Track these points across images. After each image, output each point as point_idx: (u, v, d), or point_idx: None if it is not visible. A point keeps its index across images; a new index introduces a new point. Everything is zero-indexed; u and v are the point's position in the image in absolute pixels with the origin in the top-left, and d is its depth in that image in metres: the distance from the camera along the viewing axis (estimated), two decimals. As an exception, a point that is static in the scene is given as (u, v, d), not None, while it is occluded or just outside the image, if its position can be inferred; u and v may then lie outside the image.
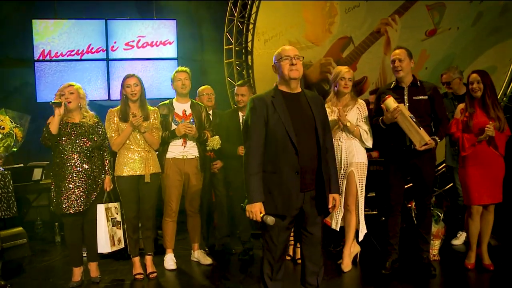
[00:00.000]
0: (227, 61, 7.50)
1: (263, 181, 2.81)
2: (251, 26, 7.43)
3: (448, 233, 4.60)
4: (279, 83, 2.95)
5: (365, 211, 4.21)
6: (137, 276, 4.06)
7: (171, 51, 6.98)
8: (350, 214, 4.14)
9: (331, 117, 4.10)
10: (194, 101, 4.45)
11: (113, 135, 3.97)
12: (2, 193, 3.77)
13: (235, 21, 7.37)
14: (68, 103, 3.77)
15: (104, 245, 3.91)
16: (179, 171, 4.24)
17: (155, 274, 4.10)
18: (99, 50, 6.72)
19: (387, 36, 6.18)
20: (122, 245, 4.08)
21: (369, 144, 4.13)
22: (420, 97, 3.96)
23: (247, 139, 2.88)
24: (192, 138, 4.24)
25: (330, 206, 2.95)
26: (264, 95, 2.92)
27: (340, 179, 4.13)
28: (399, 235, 4.13)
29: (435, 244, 4.35)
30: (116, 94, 6.73)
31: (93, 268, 4.04)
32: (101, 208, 3.90)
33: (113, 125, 3.98)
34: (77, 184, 3.77)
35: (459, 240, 4.83)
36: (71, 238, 3.90)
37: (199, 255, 4.49)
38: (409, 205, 4.60)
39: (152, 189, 4.05)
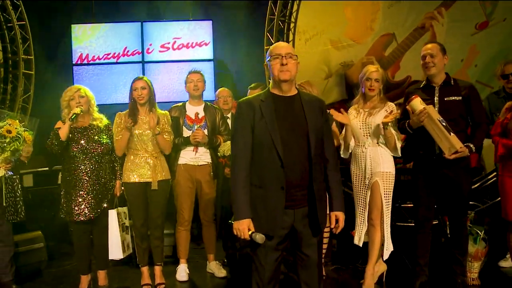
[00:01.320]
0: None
1: (250, 195, 2.51)
2: (292, 25, 7.13)
3: (495, 254, 4.03)
4: (271, 84, 2.62)
5: (402, 222, 3.75)
6: (144, 287, 3.88)
7: (207, 52, 6.81)
8: (374, 229, 3.71)
9: (355, 119, 3.71)
10: (209, 103, 4.22)
11: (117, 139, 3.82)
12: (10, 197, 3.74)
13: (275, 20, 7.10)
14: (82, 109, 3.67)
15: (116, 252, 3.79)
16: (190, 177, 4.03)
17: (163, 286, 3.91)
18: (134, 52, 6.69)
19: (433, 31, 5.62)
20: (131, 251, 3.94)
21: (399, 152, 3.68)
22: (453, 98, 3.48)
23: (233, 148, 2.59)
24: (204, 144, 4.01)
25: (332, 226, 2.60)
26: (253, 99, 2.61)
27: (363, 190, 3.74)
28: (429, 254, 3.66)
29: (474, 267, 3.80)
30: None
31: (102, 276, 3.93)
32: (113, 214, 3.77)
33: (119, 128, 3.83)
34: (88, 191, 3.66)
35: (508, 261, 4.20)
36: (79, 245, 3.80)
37: (214, 267, 4.25)
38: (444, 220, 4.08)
39: (161, 197, 3.85)
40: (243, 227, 2.46)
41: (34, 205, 4.88)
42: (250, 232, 2.45)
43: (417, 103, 3.42)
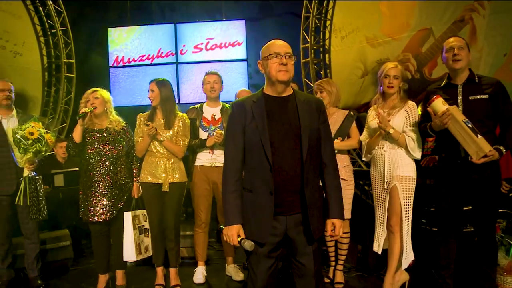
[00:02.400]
0: (304, 60, 7.12)
1: (242, 200, 2.44)
2: (328, 22, 6.97)
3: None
4: (265, 84, 2.52)
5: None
6: (156, 287, 3.90)
7: (240, 52, 6.79)
8: (393, 236, 3.51)
9: (374, 121, 3.54)
10: (226, 105, 4.16)
11: (138, 140, 3.85)
12: (33, 197, 3.86)
13: (310, 18, 6.97)
14: (94, 108, 3.73)
15: (129, 254, 3.81)
16: (206, 179, 4.00)
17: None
18: (168, 54, 6.78)
19: (472, 24, 5.24)
20: (150, 253, 3.95)
21: (417, 155, 3.46)
22: (478, 97, 3.20)
23: (225, 151, 2.53)
24: (220, 145, 3.96)
25: (328, 234, 2.47)
26: (245, 99, 2.52)
27: (382, 194, 3.56)
28: (453, 265, 3.42)
29: (507, 281, 3.51)
30: (185, 98, 6.75)
31: (119, 276, 3.97)
32: (127, 216, 3.80)
33: (139, 129, 3.86)
34: (103, 192, 3.71)
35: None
36: (96, 245, 3.86)
37: (231, 270, 4.20)
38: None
39: (174, 199, 3.84)
40: (232, 233, 2.39)
41: (64, 204, 5.02)
42: (239, 239, 2.38)
43: (439, 104, 3.18)
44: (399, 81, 3.51)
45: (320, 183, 2.52)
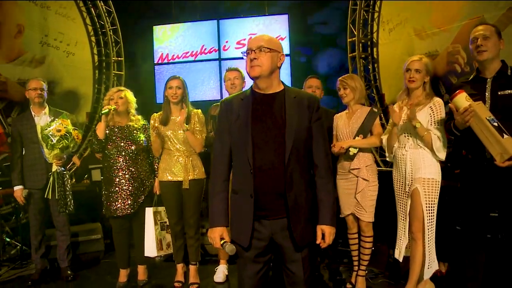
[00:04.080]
0: (351, 55, 6.86)
1: (230, 202, 2.37)
2: (376, 14, 6.66)
3: None
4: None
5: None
6: (175, 284, 3.93)
7: (283, 47, 6.64)
8: (415, 242, 3.27)
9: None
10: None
11: (153, 140, 3.88)
12: (60, 191, 4.02)
13: (357, 10, 6.69)
14: (116, 107, 3.81)
15: (151, 249, 3.87)
16: (226, 177, 3.96)
17: (196, 286, 3.90)
18: (211, 50, 6.81)
19: (533, 10, 4.73)
20: (171, 250, 3.99)
21: (442, 155, 3.19)
22: (509, 92, 2.88)
23: (213, 151, 2.47)
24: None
25: (318, 241, 2.31)
26: (234, 97, 2.43)
27: (404, 197, 3.33)
28: (481, 277, 3.12)
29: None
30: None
31: (141, 271, 4.05)
32: (149, 212, 3.86)
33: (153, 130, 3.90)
34: (124, 187, 3.80)
35: None
36: (118, 240, 3.97)
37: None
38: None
39: (193, 196, 3.84)
40: (214, 236, 2.32)
41: (101, 198, 5.20)
42: (222, 242, 2.31)
43: (462, 99, 2.89)
44: (423, 76, 3.26)
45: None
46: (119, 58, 7.11)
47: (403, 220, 3.36)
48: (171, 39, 6.90)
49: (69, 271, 4.25)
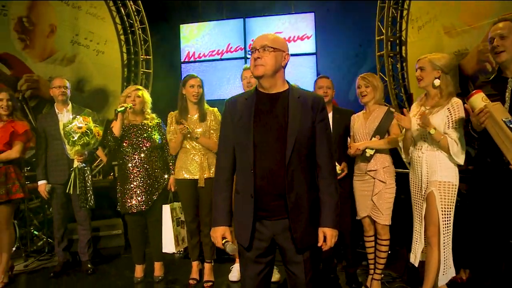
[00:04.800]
0: (379, 53, 6.75)
1: (234, 201, 2.37)
2: (405, 12, 6.52)
3: None
4: None
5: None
6: (190, 281, 3.97)
7: (309, 45, 6.61)
8: (430, 248, 3.17)
9: (415, 117, 3.21)
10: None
11: (171, 138, 3.92)
12: (81, 187, 4.13)
13: (386, 8, 6.57)
14: (133, 105, 3.88)
15: (169, 245, 3.93)
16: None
17: (210, 284, 3.91)
18: (237, 48, 6.83)
19: None
20: (186, 244, 4.03)
21: (460, 160, 3.07)
22: None
23: (217, 150, 2.47)
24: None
25: (319, 244, 2.28)
26: (239, 96, 2.43)
27: (420, 201, 3.24)
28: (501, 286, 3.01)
29: None
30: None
31: (157, 268, 4.10)
32: (166, 209, 3.92)
33: (171, 127, 3.93)
34: (138, 184, 3.86)
35: None
36: (133, 236, 4.04)
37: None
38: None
39: (209, 195, 3.84)
40: (216, 235, 2.33)
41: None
42: (223, 241, 2.31)
43: (478, 99, 2.78)
44: (428, 73, 3.12)
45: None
46: (147, 57, 7.24)
47: (418, 223, 3.27)
48: (197, 38, 6.96)
49: (89, 264, 4.36)
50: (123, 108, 3.80)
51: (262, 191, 2.22)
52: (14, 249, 4.60)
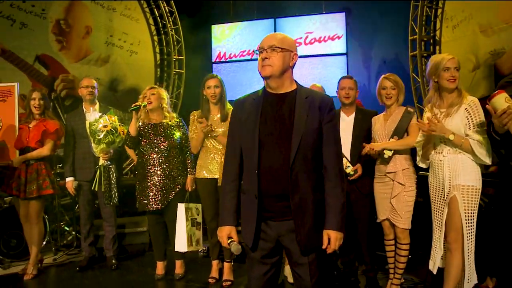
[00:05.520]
0: (412, 53, 6.57)
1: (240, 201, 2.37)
2: (439, 11, 6.32)
3: None
4: None
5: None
6: (209, 280, 4.01)
7: (339, 46, 6.52)
8: (451, 254, 3.05)
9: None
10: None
11: (192, 136, 3.96)
12: (106, 184, 4.23)
13: (419, 7, 6.39)
14: (149, 103, 3.94)
15: (181, 244, 3.95)
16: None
17: (228, 283, 3.93)
18: (268, 49, 6.79)
19: None
20: (201, 247, 4.06)
21: (488, 160, 2.94)
22: None
23: (225, 150, 2.48)
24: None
25: (324, 246, 2.24)
26: (247, 97, 2.43)
27: (441, 205, 3.14)
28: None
29: None
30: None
31: (178, 266, 4.16)
32: (181, 207, 3.94)
33: (193, 126, 3.97)
34: (155, 183, 3.92)
35: None
36: (153, 234, 4.13)
37: (288, 271, 4.09)
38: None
39: (228, 194, 3.87)
40: (222, 235, 2.34)
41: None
42: (229, 241, 2.32)
43: (501, 100, 2.65)
44: (459, 74, 3.04)
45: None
46: (180, 57, 7.34)
47: (438, 229, 3.16)
48: (228, 38, 7.01)
49: (114, 260, 4.47)
50: (136, 107, 3.85)
51: (266, 192, 2.21)
52: (44, 243, 4.78)
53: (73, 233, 5.18)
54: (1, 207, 4.73)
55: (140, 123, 3.97)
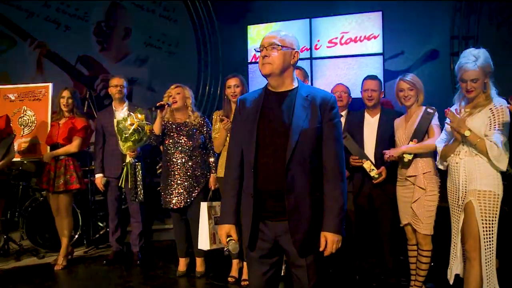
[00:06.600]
0: (453, 53, 6.32)
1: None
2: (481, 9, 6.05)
3: None
4: None
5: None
6: (229, 279, 4.02)
7: (376, 46, 6.34)
8: (469, 263, 2.90)
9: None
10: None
11: (215, 136, 3.99)
12: (132, 181, 4.32)
13: (462, 5, 6.15)
14: (173, 102, 4.00)
15: (204, 242, 3.99)
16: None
17: (247, 282, 3.91)
18: (303, 49, 6.73)
19: None
20: (223, 245, 4.07)
21: (502, 165, 2.79)
22: None
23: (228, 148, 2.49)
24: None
25: (321, 248, 2.19)
26: (249, 94, 2.43)
27: (457, 211, 3.00)
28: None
29: None
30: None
31: (198, 263, 4.19)
32: (203, 206, 3.98)
33: (216, 126, 4.00)
34: (179, 181, 3.99)
35: None
36: (176, 231, 4.20)
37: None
38: None
39: (251, 193, 3.87)
40: (221, 233, 2.34)
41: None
42: (227, 239, 2.32)
43: None
44: (481, 83, 2.87)
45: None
46: (217, 57, 7.42)
47: (456, 236, 3.03)
48: (264, 39, 6.99)
49: (139, 255, 4.57)
50: (160, 105, 3.91)
51: (263, 191, 2.19)
52: (76, 236, 4.98)
53: (105, 228, 5.34)
54: (37, 201, 4.96)
55: (165, 122, 4.04)
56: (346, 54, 6.52)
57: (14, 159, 4.40)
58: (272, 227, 2.22)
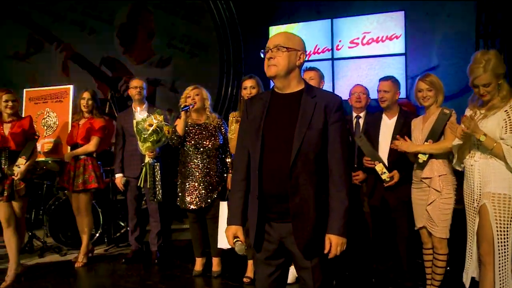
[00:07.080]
0: (479, 52, 6.16)
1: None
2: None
3: None
4: None
5: None
6: (244, 279, 4.03)
7: (398, 46, 6.27)
8: (484, 267, 2.85)
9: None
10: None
11: (231, 137, 4.01)
12: (151, 181, 4.38)
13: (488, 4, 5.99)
14: (194, 104, 4.05)
15: (223, 241, 4.02)
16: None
17: (247, 279, 3.96)
18: (324, 50, 6.71)
19: None
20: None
21: None
22: None
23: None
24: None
25: (326, 251, 2.19)
26: (256, 96, 2.46)
27: (473, 214, 2.93)
28: None
29: None
30: (340, 94, 6.47)
31: (214, 263, 4.22)
32: (223, 205, 4.02)
33: (232, 127, 4.02)
34: (198, 182, 4.03)
35: None
36: (193, 231, 4.23)
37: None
38: None
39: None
40: (228, 234, 2.35)
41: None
42: (234, 240, 2.34)
43: None
44: (493, 86, 2.80)
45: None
46: (239, 58, 7.45)
47: (471, 239, 2.96)
48: (285, 39, 6.98)
49: (157, 254, 4.64)
50: (185, 107, 3.97)
51: (267, 192, 2.20)
52: (97, 235, 5.09)
53: (127, 228, 5.43)
54: (60, 199, 5.09)
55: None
56: (367, 55, 6.46)
57: (38, 159, 4.52)
58: (277, 229, 2.22)
